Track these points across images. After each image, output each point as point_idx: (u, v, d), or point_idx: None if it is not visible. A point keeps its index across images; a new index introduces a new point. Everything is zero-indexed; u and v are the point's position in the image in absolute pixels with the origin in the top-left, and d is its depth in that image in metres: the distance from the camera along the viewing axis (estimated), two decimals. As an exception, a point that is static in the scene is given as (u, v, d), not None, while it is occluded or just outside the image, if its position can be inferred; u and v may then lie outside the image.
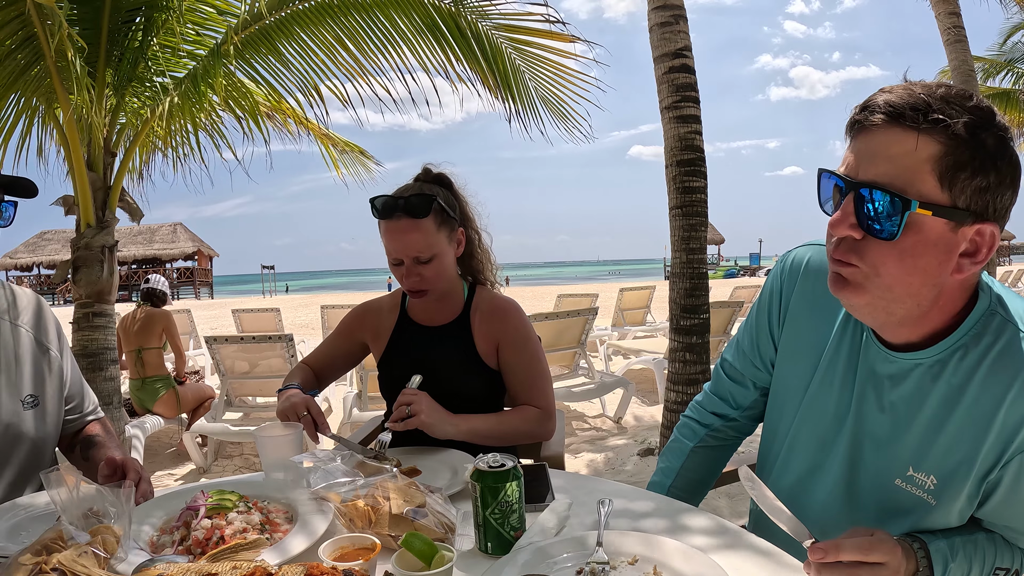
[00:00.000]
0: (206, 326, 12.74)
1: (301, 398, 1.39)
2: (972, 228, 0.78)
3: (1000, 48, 11.17)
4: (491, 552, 0.97)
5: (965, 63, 6.47)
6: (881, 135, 0.79)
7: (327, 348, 1.72)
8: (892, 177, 0.78)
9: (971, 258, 0.80)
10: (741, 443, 1.29)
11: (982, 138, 0.76)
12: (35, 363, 1.33)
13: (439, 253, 1.46)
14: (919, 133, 0.76)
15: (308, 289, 48.51)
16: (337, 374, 1.75)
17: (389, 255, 1.48)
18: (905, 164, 0.77)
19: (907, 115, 0.77)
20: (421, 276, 1.46)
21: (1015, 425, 0.81)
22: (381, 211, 1.45)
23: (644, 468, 3.73)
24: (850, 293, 0.85)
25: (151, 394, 4.09)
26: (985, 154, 0.76)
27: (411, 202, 1.42)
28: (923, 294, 0.82)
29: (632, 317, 8.00)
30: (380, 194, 1.47)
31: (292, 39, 3.50)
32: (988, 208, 0.78)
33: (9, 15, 2.94)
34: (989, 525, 0.90)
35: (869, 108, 0.79)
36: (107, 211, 3.52)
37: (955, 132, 0.75)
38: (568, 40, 3.54)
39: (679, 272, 3.74)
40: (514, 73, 3.73)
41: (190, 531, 0.98)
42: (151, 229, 37.40)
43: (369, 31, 3.52)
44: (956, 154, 0.76)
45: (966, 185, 0.76)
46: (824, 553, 0.78)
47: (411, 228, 1.43)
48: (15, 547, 0.93)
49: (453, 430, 1.41)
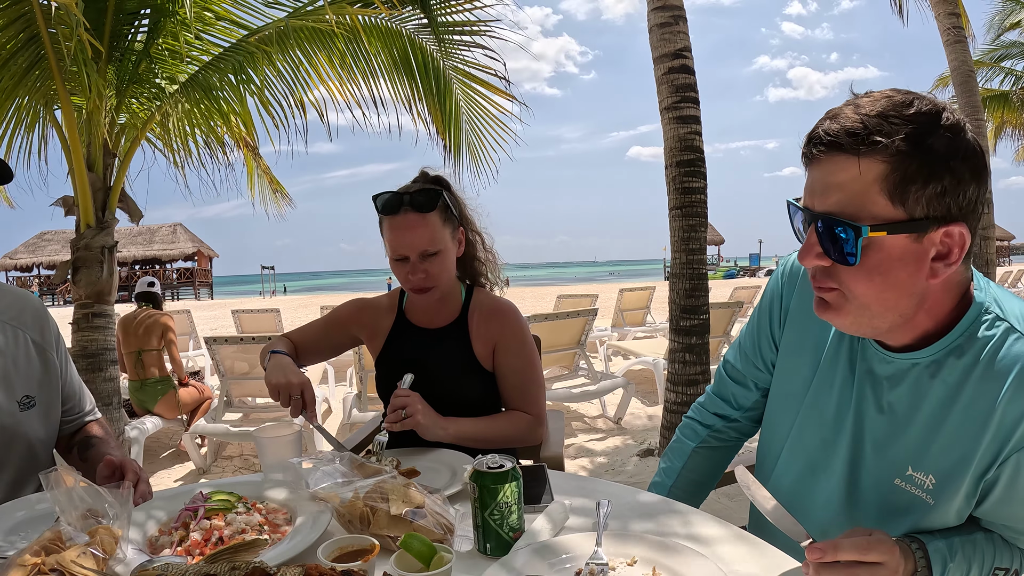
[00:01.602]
0: (206, 327, 12.74)
1: (298, 378, 1.37)
2: (938, 232, 0.78)
3: (994, 41, 11.17)
4: (490, 553, 0.97)
5: (965, 64, 6.47)
6: (827, 165, 0.80)
7: (315, 333, 1.67)
8: (844, 205, 0.79)
9: (944, 261, 0.80)
10: (743, 444, 1.29)
11: (928, 144, 0.76)
12: (32, 364, 1.33)
13: (444, 249, 1.46)
14: (859, 157, 0.77)
15: (308, 290, 48.51)
16: (316, 359, 1.69)
17: (394, 251, 1.46)
18: (854, 190, 0.78)
19: (845, 142, 0.78)
20: (427, 272, 1.45)
21: (1012, 423, 0.81)
22: (386, 207, 1.44)
23: (644, 469, 3.73)
24: (832, 315, 0.87)
25: (151, 395, 4.09)
26: (934, 159, 0.76)
27: (417, 197, 1.43)
28: (902, 305, 0.83)
29: (632, 318, 8.00)
30: (384, 191, 1.46)
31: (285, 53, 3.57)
32: (950, 210, 0.78)
33: (13, 15, 2.94)
34: (987, 524, 0.90)
35: (813, 141, 0.81)
36: (107, 212, 3.53)
37: (896, 149, 0.76)
38: (507, 97, 4.05)
39: (679, 273, 3.74)
40: (457, 114, 4.10)
41: (189, 532, 0.98)
42: (151, 230, 37.40)
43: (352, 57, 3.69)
44: (902, 169, 0.76)
45: (920, 195, 0.77)
46: (822, 553, 0.78)
47: (418, 222, 1.43)
48: (14, 548, 0.93)
49: (443, 433, 1.41)
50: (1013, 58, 11.32)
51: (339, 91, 3.71)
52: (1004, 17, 10.83)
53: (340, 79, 3.69)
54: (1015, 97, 10.15)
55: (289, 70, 3.63)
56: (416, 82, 3.85)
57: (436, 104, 3.93)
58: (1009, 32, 10.88)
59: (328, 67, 3.64)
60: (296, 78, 3.65)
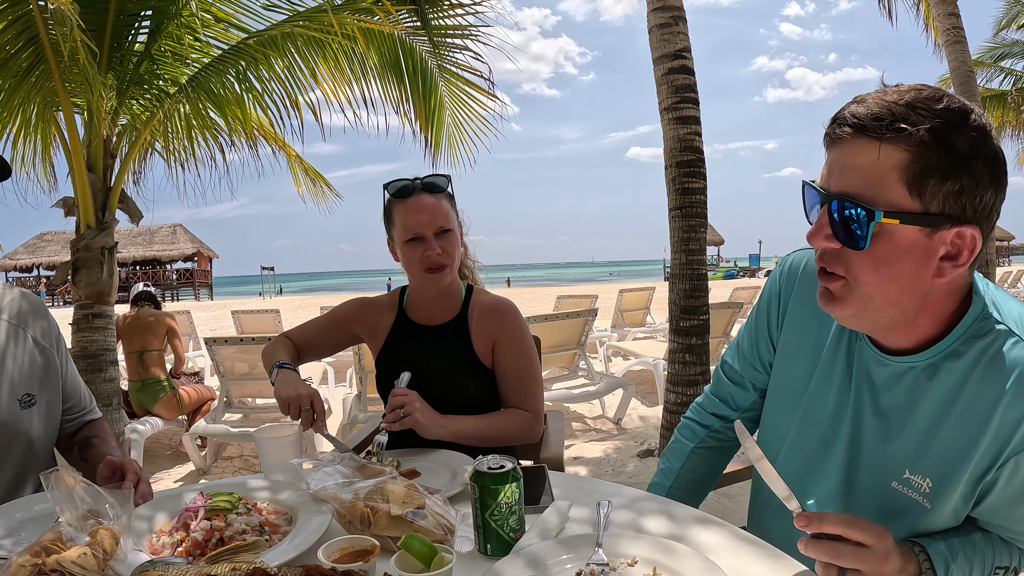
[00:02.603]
0: (206, 327, 12.73)
1: (307, 390, 1.39)
2: (951, 232, 0.78)
3: (994, 38, 11.17)
4: (490, 554, 0.97)
5: (964, 64, 6.47)
6: (849, 147, 0.80)
7: (316, 331, 1.69)
8: (861, 188, 0.79)
9: (952, 261, 0.80)
10: (741, 445, 1.29)
11: (952, 141, 0.76)
12: (33, 362, 1.34)
13: (455, 228, 1.53)
14: (881, 143, 0.77)
15: (307, 291, 48.50)
16: (316, 357, 1.72)
17: (409, 231, 1.48)
18: (872, 174, 0.78)
19: (870, 126, 0.77)
20: (443, 249, 1.49)
21: (1011, 427, 0.81)
22: (400, 192, 1.51)
23: (644, 469, 3.73)
24: (835, 306, 0.87)
25: (151, 396, 4.09)
26: (955, 157, 0.76)
27: (428, 180, 1.52)
28: (904, 302, 0.83)
29: (632, 318, 8.00)
30: (393, 179, 1.52)
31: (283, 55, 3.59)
32: (966, 210, 0.78)
33: (13, 15, 2.94)
34: (984, 524, 0.91)
35: (838, 121, 0.81)
36: (107, 212, 3.53)
37: (919, 139, 0.75)
38: (490, 96, 4.21)
39: (679, 273, 3.74)
40: (440, 109, 4.23)
41: (189, 532, 0.98)
42: (150, 230, 37.39)
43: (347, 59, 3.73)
44: (922, 160, 0.76)
45: (937, 190, 0.76)
46: (808, 521, 0.79)
47: (432, 202, 1.50)
48: (14, 548, 0.93)
49: (442, 431, 1.41)
50: (1014, 57, 11.33)
51: (333, 92, 3.77)
52: (1007, 17, 10.83)
53: (335, 80, 3.73)
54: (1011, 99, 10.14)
55: (286, 73, 3.66)
56: (405, 83, 3.96)
57: (421, 102, 4.05)
58: (1009, 31, 10.88)
59: (324, 69, 3.68)
60: (292, 80, 3.69)
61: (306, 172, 5.50)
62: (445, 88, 4.15)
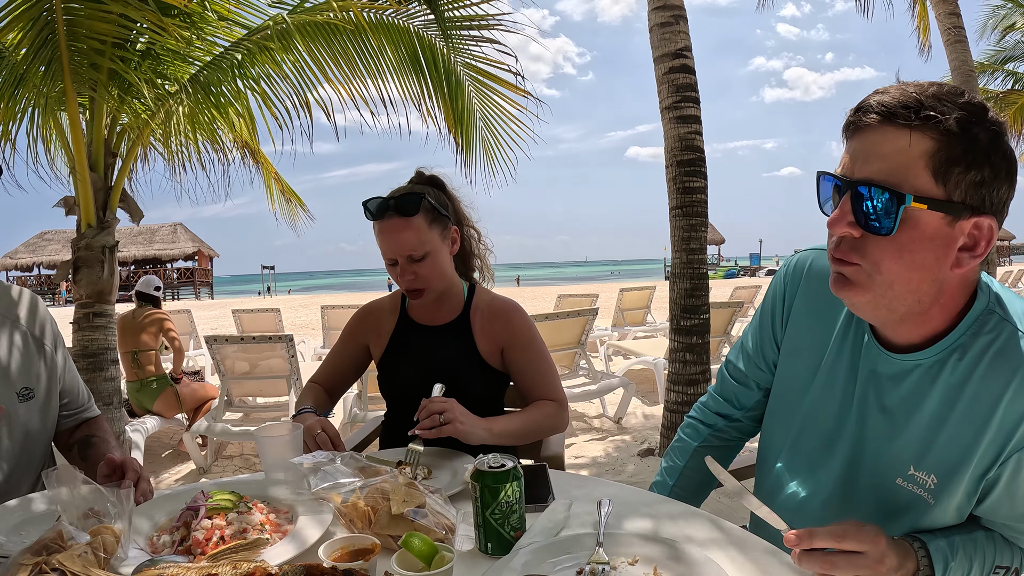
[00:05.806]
0: (206, 326, 12.73)
1: (315, 419, 1.38)
2: (969, 222, 0.79)
3: (998, 43, 11.14)
4: (491, 552, 0.97)
5: (965, 63, 6.47)
6: (875, 134, 0.80)
7: (334, 359, 1.71)
8: (887, 174, 0.79)
9: (970, 252, 0.81)
10: (744, 444, 1.29)
11: (975, 133, 0.77)
12: (30, 357, 1.35)
13: (432, 251, 1.48)
14: (911, 130, 0.78)
15: (308, 290, 48.50)
16: (347, 384, 1.73)
17: (384, 256, 1.49)
18: (899, 161, 0.79)
19: (899, 113, 0.78)
20: (416, 275, 1.47)
21: (1013, 423, 0.81)
22: (374, 212, 1.48)
23: (644, 468, 3.73)
24: (852, 292, 0.86)
25: (149, 394, 4.09)
26: (978, 149, 0.77)
27: (400, 201, 1.46)
28: (923, 290, 0.83)
29: (632, 317, 8.00)
30: (373, 196, 1.49)
31: (289, 52, 3.53)
32: (984, 202, 0.79)
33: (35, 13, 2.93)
34: (987, 523, 0.91)
35: (863, 109, 0.81)
36: (108, 211, 3.53)
37: (947, 128, 0.77)
38: (522, 93, 3.87)
39: (679, 272, 3.74)
40: (469, 112, 3.95)
41: (190, 531, 0.98)
42: (151, 229, 37.40)
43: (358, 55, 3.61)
44: (949, 149, 0.77)
45: (960, 179, 0.78)
46: (798, 540, 0.79)
47: (402, 226, 1.45)
48: (15, 547, 0.93)
49: (487, 435, 1.37)
50: (1016, 60, 11.29)
51: (345, 90, 3.64)
52: (999, 20, 10.80)
53: (346, 78, 3.61)
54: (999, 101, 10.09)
55: (293, 70, 3.58)
56: (425, 79, 3.74)
57: (448, 103, 3.81)
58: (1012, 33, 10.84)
59: (333, 66, 3.57)
60: (300, 78, 3.60)
61: (283, 192, 5.52)
62: (472, 87, 3.90)
